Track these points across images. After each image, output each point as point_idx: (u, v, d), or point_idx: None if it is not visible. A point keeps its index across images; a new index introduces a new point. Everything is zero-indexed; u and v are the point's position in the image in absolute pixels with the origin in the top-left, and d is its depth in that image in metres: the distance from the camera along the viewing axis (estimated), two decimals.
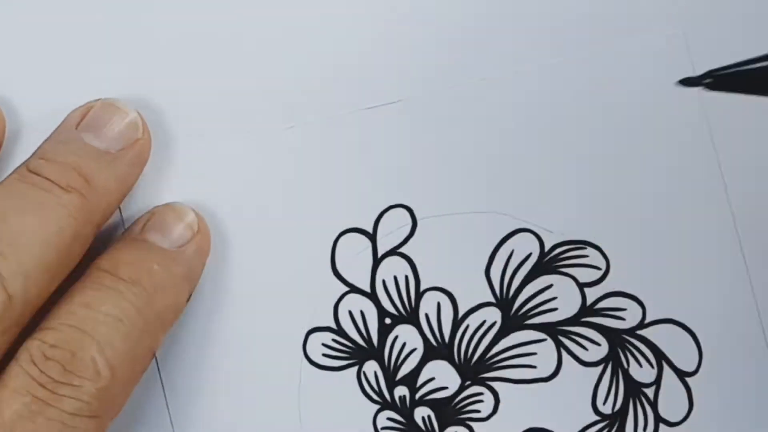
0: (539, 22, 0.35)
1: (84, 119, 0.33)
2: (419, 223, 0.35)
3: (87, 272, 0.32)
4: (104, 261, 0.32)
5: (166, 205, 0.34)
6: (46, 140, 0.33)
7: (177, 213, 0.34)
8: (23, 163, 0.32)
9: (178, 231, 0.33)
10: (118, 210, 0.34)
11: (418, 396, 0.35)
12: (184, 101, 0.35)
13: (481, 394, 0.35)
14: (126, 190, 0.33)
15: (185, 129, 0.35)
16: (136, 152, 0.33)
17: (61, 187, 0.31)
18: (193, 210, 0.34)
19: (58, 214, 0.31)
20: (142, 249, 0.33)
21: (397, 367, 0.35)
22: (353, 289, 0.35)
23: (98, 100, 0.34)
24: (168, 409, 0.35)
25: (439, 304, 0.35)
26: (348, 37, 0.35)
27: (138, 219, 0.33)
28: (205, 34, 0.35)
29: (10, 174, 0.32)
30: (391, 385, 0.35)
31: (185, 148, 0.35)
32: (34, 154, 0.33)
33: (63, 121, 0.33)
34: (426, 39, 0.35)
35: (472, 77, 0.35)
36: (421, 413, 0.35)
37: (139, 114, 0.33)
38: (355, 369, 0.35)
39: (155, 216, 0.34)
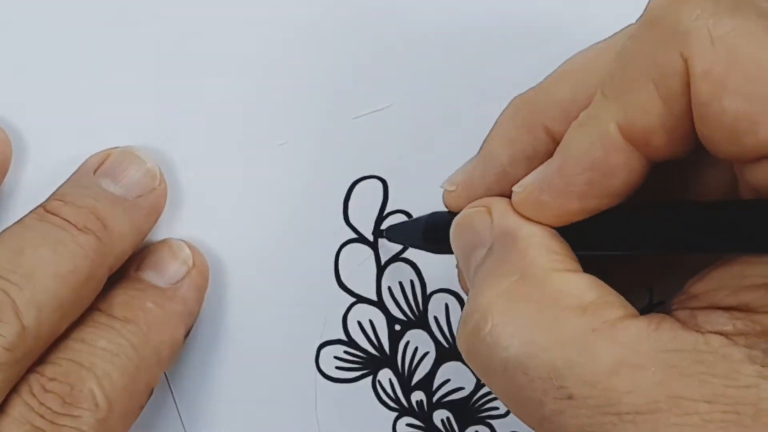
0: (532, 25, 0.35)
1: (102, 166, 0.33)
2: None
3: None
4: (99, 301, 0.32)
5: (162, 241, 0.34)
6: (64, 183, 0.33)
7: (172, 250, 0.34)
8: (41, 204, 0.32)
9: (173, 268, 0.33)
10: None
11: (435, 399, 0.35)
12: (174, 126, 0.35)
13: None
14: (140, 237, 0.33)
15: (179, 154, 0.35)
16: (152, 201, 0.33)
17: (78, 228, 0.31)
18: (188, 244, 0.34)
19: (73, 253, 0.31)
20: (137, 288, 0.33)
21: (412, 373, 0.35)
22: (360, 299, 0.35)
23: (116, 148, 0.34)
24: None
25: (447, 306, 0.35)
26: (332, 48, 0.34)
27: (133, 256, 0.33)
28: (193, 57, 0.34)
29: (28, 214, 0.32)
30: (408, 391, 0.35)
31: (180, 173, 0.35)
32: (52, 196, 0.32)
33: (81, 167, 0.33)
34: (410, 42, 0.34)
35: (463, 76, 0.35)
36: (440, 416, 0.35)
37: (156, 164, 0.34)
38: (369, 379, 0.35)
39: (150, 254, 0.34)
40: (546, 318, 0.24)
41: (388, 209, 0.35)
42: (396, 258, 0.35)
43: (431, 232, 0.30)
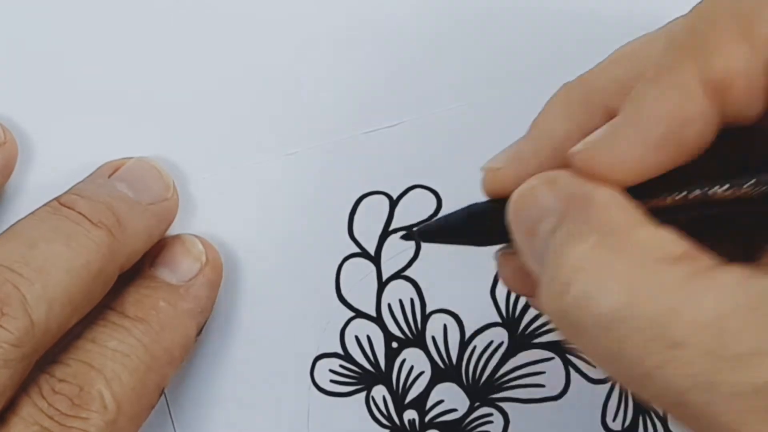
0: (535, 43, 0.35)
1: (117, 171, 0.33)
2: (423, 245, 0.35)
3: (94, 310, 0.32)
4: (111, 299, 0.32)
5: (175, 237, 0.34)
6: (79, 182, 0.33)
7: (185, 246, 0.34)
8: (55, 197, 0.32)
9: (186, 265, 0.33)
10: None
11: (427, 419, 0.35)
12: (187, 132, 0.35)
13: (490, 415, 0.35)
14: (151, 242, 0.33)
15: (189, 159, 0.35)
16: (164, 209, 0.33)
17: (92, 223, 0.31)
18: (202, 240, 0.34)
19: (86, 248, 0.30)
20: (149, 286, 0.33)
21: (406, 391, 0.35)
22: (359, 314, 0.35)
23: (131, 158, 0.34)
24: None
25: (445, 326, 0.35)
26: (345, 61, 0.35)
27: (146, 254, 0.33)
28: (206, 65, 0.35)
29: (42, 206, 0.32)
30: (400, 409, 0.35)
31: (188, 179, 0.35)
32: (68, 191, 0.33)
33: (96, 170, 0.34)
34: (423, 60, 0.35)
35: (471, 96, 0.35)
36: None
37: (170, 174, 0.34)
38: (363, 394, 0.35)
39: (163, 250, 0.34)
40: (638, 270, 0.22)
41: (393, 226, 0.35)
42: (397, 275, 0.35)
43: (475, 223, 0.28)
